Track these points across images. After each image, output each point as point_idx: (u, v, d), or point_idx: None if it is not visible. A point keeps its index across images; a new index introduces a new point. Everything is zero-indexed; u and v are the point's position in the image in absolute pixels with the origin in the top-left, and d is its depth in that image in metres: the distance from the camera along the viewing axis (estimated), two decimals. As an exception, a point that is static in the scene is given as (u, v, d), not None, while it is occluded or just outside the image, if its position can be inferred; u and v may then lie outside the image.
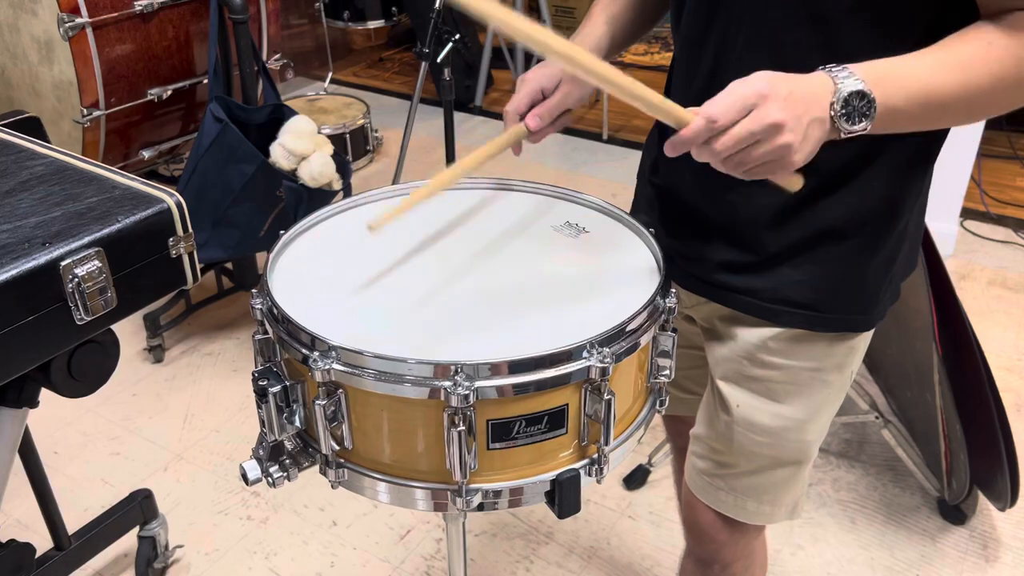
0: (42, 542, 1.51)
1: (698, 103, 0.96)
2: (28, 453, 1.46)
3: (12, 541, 1.37)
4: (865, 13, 0.83)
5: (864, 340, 1.04)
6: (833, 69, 0.78)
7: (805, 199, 0.91)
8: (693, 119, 0.76)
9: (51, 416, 2.16)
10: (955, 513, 1.87)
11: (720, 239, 1.00)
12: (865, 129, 0.78)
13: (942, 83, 0.79)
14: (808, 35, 0.86)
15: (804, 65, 0.86)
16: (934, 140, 0.94)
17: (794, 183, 0.85)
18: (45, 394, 1.14)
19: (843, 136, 0.78)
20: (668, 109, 0.79)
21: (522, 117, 1.01)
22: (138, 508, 1.68)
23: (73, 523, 1.60)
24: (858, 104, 0.77)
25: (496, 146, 0.99)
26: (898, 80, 0.79)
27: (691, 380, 1.22)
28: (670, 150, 0.80)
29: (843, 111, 0.77)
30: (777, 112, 0.74)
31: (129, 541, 1.72)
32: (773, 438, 1.05)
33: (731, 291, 1.01)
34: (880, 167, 0.91)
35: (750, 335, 1.02)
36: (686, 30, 0.97)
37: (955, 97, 0.80)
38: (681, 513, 1.22)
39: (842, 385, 1.06)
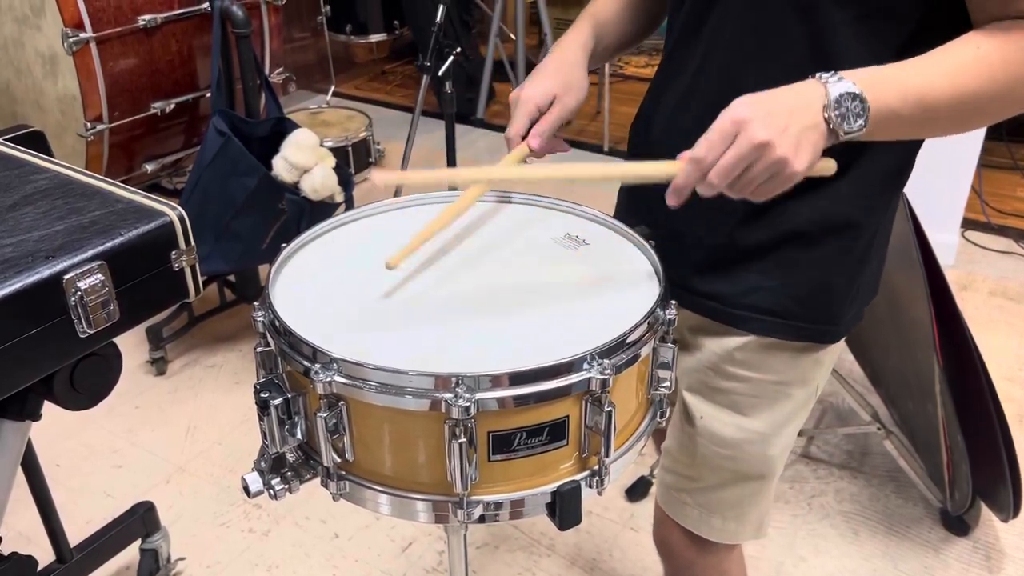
0: (44, 555, 1.52)
1: (687, 94, 0.97)
2: (30, 466, 1.46)
3: (14, 554, 1.38)
4: (852, 6, 0.84)
5: (830, 354, 1.04)
6: (823, 75, 0.80)
7: (774, 199, 0.92)
8: (681, 165, 0.80)
9: (53, 429, 2.15)
10: (958, 524, 1.86)
11: (690, 240, 1.00)
12: (862, 129, 0.79)
13: (934, 87, 0.80)
14: (795, 26, 0.87)
15: (788, 56, 0.88)
16: (906, 159, 0.95)
17: (827, 168, 0.84)
18: (47, 407, 1.15)
19: (843, 138, 0.80)
20: (654, 171, 0.83)
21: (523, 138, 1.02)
22: (140, 521, 1.68)
23: (75, 536, 1.61)
24: (850, 105, 0.78)
25: (509, 164, 1.00)
26: (889, 83, 0.80)
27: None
28: (673, 200, 0.83)
29: (837, 112, 0.78)
30: (760, 132, 0.76)
31: (131, 554, 1.72)
32: (736, 451, 1.05)
33: (698, 295, 1.01)
34: (852, 173, 0.92)
35: (716, 345, 1.02)
36: (683, 20, 0.98)
37: (947, 101, 0.81)
38: (653, 531, 1.22)
39: (807, 400, 1.06)
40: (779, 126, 0.77)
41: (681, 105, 0.99)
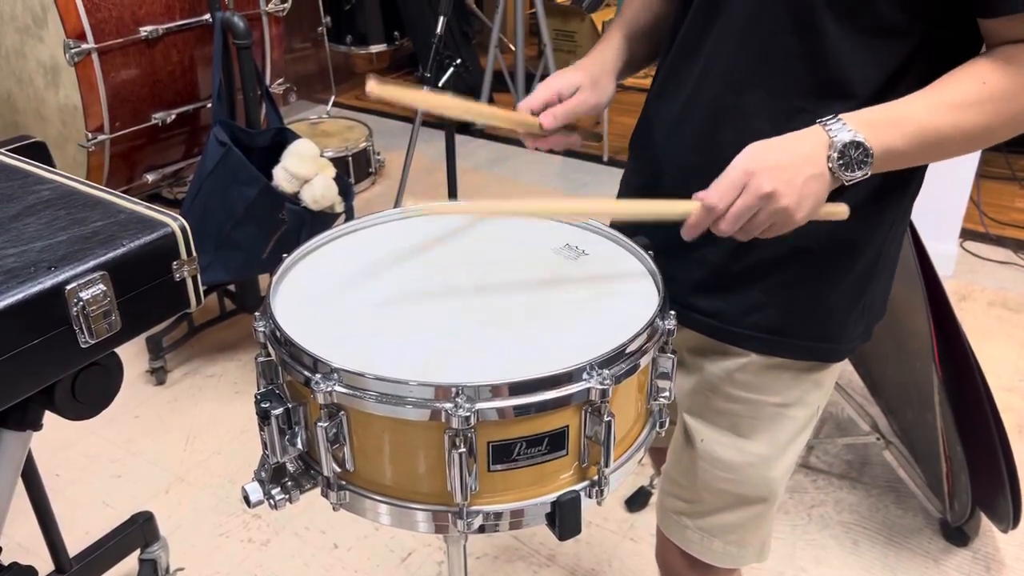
0: (44, 565, 1.51)
1: (685, 110, 0.98)
2: (30, 476, 1.46)
3: (14, 564, 1.37)
4: (851, 22, 0.84)
5: (831, 375, 1.04)
6: (827, 122, 0.81)
7: None
8: (696, 207, 0.84)
9: (53, 438, 2.15)
10: (958, 535, 1.86)
11: (691, 258, 1.00)
12: (865, 175, 0.81)
13: (937, 123, 0.81)
14: (795, 43, 0.87)
15: (788, 71, 0.88)
16: (905, 178, 0.94)
17: (838, 213, 0.87)
18: (47, 416, 1.15)
19: (846, 184, 0.82)
20: (671, 209, 0.87)
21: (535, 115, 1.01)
22: (139, 531, 1.68)
23: (74, 546, 1.60)
24: (854, 154, 0.80)
25: (504, 117, 0.99)
26: (892, 124, 0.81)
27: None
28: (688, 235, 0.87)
29: (840, 162, 0.80)
30: (767, 183, 0.79)
31: (130, 564, 1.71)
32: (737, 474, 1.04)
33: (699, 314, 1.01)
34: (853, 189, 0.92)
35: (716, 367, 1.02)
36: (682, 38, 0.98)
37: (951, 135, 0.82)
38: (655, 552, 1.22)
39: (808, 421, 1.05)
40: (784, 178, 0.79)
41: (682, 117, 0.99)
